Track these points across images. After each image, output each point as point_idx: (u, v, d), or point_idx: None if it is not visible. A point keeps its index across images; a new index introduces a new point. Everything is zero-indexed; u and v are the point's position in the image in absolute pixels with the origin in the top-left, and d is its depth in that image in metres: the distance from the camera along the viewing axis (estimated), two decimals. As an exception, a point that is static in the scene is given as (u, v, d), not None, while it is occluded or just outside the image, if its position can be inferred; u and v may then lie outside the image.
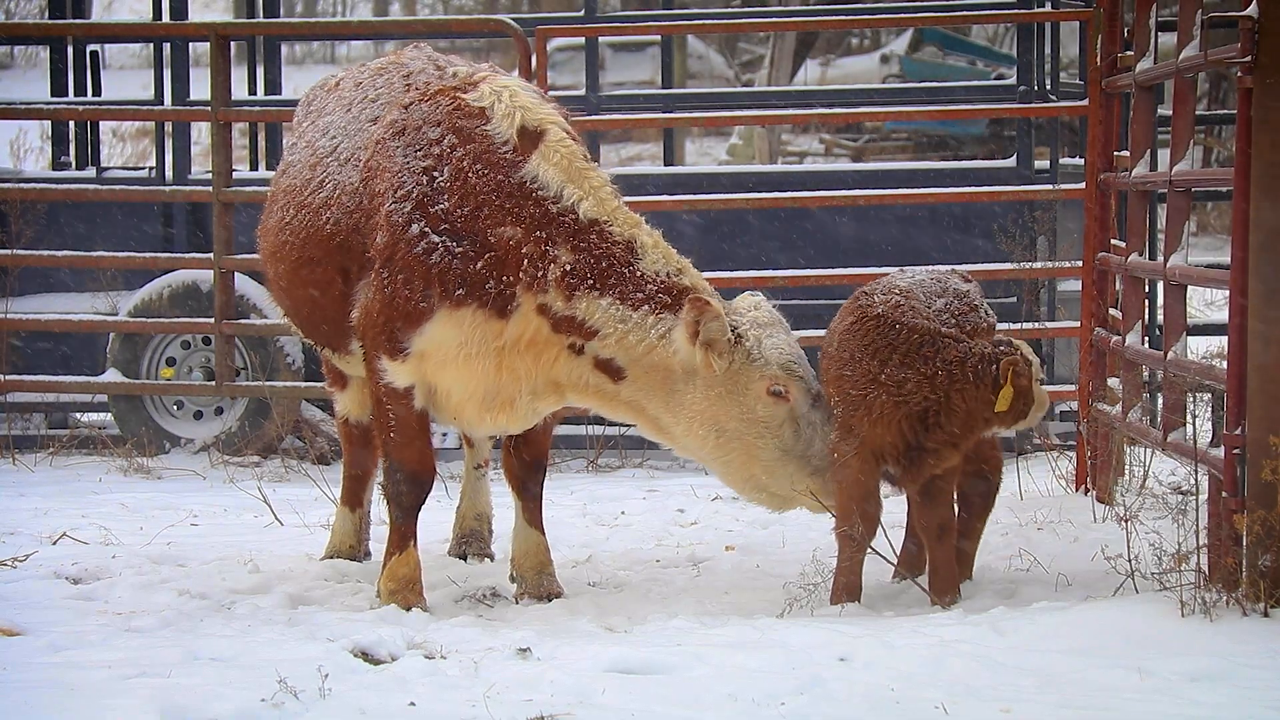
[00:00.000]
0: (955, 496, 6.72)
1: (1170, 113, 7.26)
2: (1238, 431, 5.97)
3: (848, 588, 6.44)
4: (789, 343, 6.28)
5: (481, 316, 6.32)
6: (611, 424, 10.39)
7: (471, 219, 6.32)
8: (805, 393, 6.28)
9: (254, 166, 12.30)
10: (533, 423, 6.63)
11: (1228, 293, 6.07)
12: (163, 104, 11.47)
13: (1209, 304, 15.23)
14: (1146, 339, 7.97)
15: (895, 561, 6.82)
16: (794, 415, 6.27)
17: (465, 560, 7.46)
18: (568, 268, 6.24)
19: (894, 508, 7.19)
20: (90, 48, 12.28)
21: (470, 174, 6.35)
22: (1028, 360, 6.30)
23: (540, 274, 6.26)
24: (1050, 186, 10.05)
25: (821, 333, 9.54)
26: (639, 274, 6.27)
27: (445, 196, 6.35)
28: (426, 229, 6.34)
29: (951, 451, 6.39)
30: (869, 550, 6.56)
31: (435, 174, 6.38)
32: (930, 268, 6.85)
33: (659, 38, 12.80)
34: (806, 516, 8.26)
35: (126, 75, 27.76)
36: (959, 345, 6.32)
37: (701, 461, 6.43)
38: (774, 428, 6.26)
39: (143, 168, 13.04)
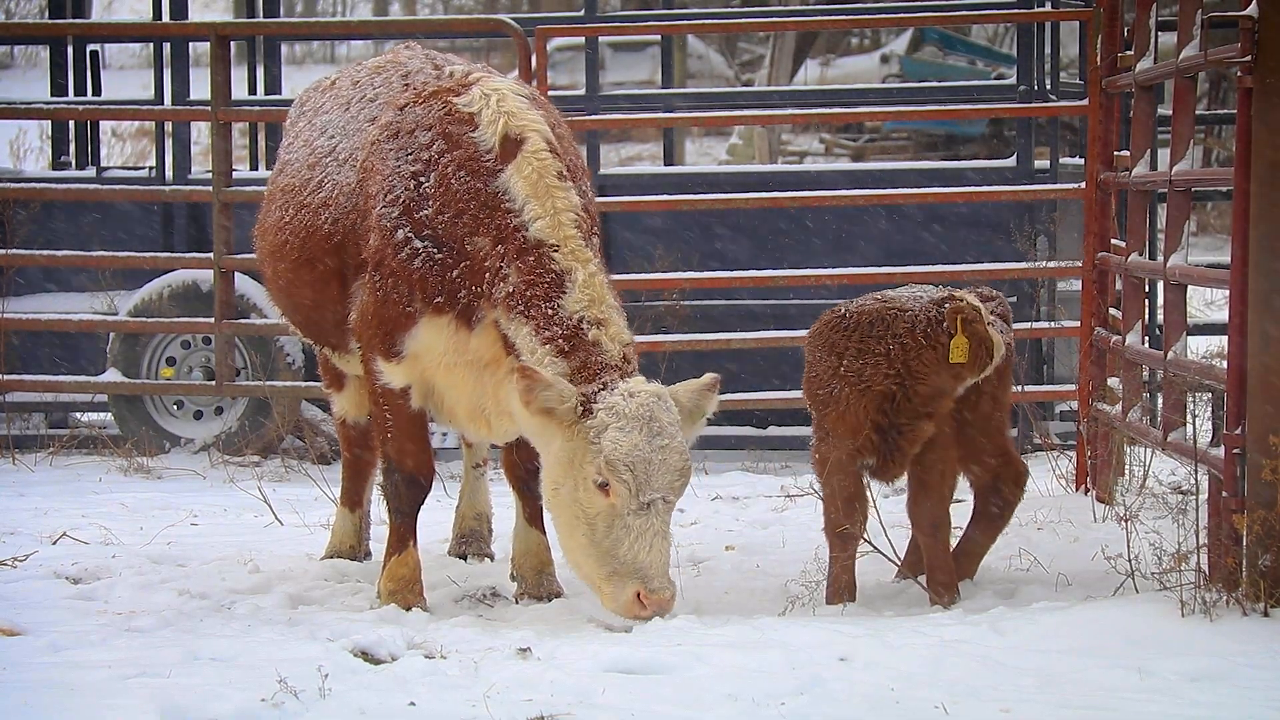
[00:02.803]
0: (979, 499, 6.73)
1: (1170, 113, 7.26)
2: (1238, 431, 5.97)
3: (847, 587, 6.45)
4: (637, 445, 5.90)
5: (454, 326, 6.32)
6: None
7: (451, 226, 6.29)
8: (630, 497, 5.92)
9: (254, 166, 12.30)
10: (511, 439, 6.60)
11: (1228, 293, 6.07)
12: (163, 104, 11.46)
13: (1209, 304, 15.22)
14: (1146, 339, 7.97)
15: (898, 561, 6.81)
16: (613, 512, 5.98)
17: (465, 560, 7.46)
18: (512, 289, 6.16)
19: (896, 507, 7.19)
20: (90, 48, 12.27)
21: (453, 180, 6.32)
22: (974, 305, 6.30)
23: (495, 290, 6.21)
24: (1050, 186, 10.05)
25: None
26: (555, 310, 6.10)
27: (430, 202, 6.33)
28: (411, 234, 6.33)
29: (926, 423, 6.39)
30: (870, 548, 6.57)
31: (422, 179, 6.36)
32: (939, 286, 6.80)
33: (659, 38, 12.79)
34: (806, 516, 8.30)
35: (126, 75, 27.74)
36: (905, 315, 6.32)
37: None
38: (589, 515, 6.01)
39: (143, 167, 13.04)
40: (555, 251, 6.18)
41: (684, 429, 6.12)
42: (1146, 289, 8.58)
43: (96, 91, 12.35)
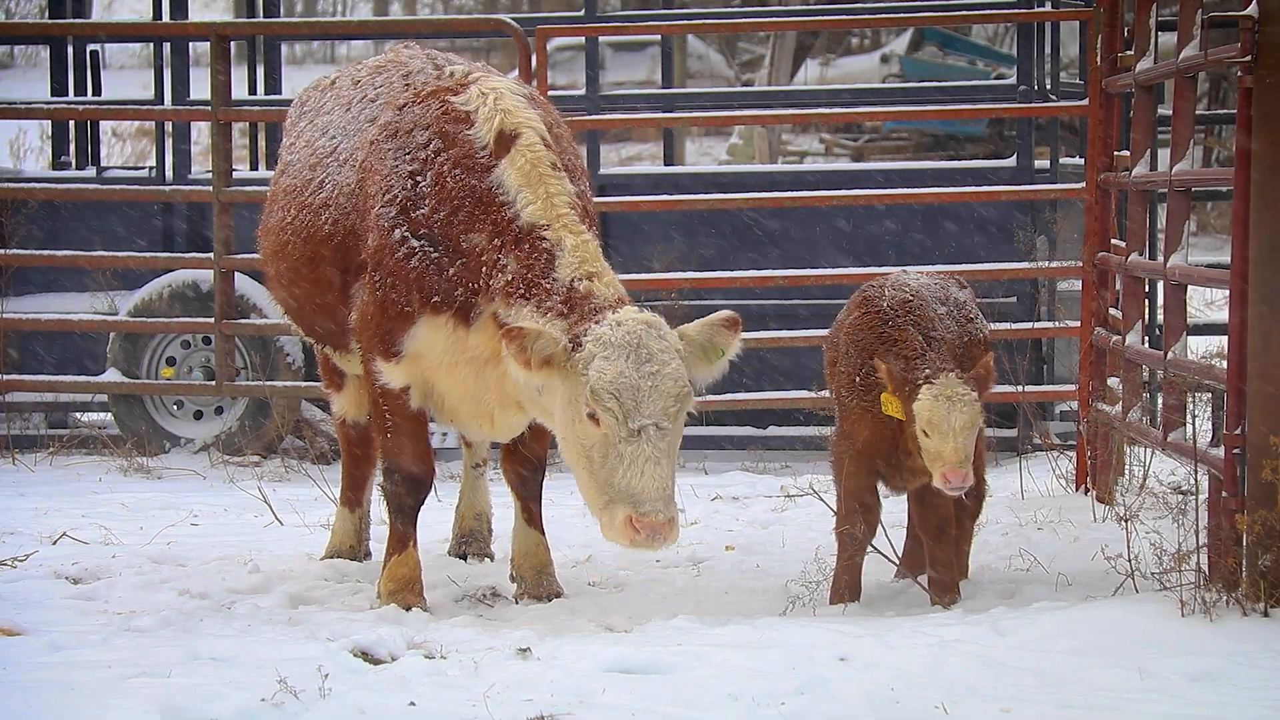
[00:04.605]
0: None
1: (1170, 113, 7.26)
2: (1238, 431, 5.97)
3: (848, 587, 6.45)
4: (622, 372, 5.89)
5: (452, 324, 6.32)
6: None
7: (447, 224, 6.30)
8: (619, 425, 5.88)
9: (254, 166, 12.30)
10: (515, 434, 6.61)
11: (1228, 293, 6.07)
12: (163, 104, 11.46)
13: (1209, 304, 15.23)
14: (1146, 339, 7.97)
15: (897, 561, 6.81)
16: (606, 442, 5.95)
17: (465, 560, 7.46)
18: (510, 276, 6.17)
19: (895, 507, 7.19)
20: (90, 48, 12.27)
21: (449, 179, 6.33)
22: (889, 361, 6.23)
23: (492, 282, 6.22)
24: (1050, 186, 10.05)
25: (824, 333, 9.59)
26: (551, 281, 6.11)
27: (426, 201, 6.34)
28: (408, 234, 6.33)
29: (912, 476, 6.39)
30: (870, 549, 6.56)
31: (419, 179, 6.37)
32: (929, 271, 6.83)
33: (659, 38, 12.79)
34: (806, 516, 8.31)
35: (126, 75, 27.73)
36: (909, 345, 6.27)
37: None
38: (586, 447, 5.98)
39: (143, 167, 13.03)
40: (546, 229, 6.18)
41: (698, 368, 6.09)
42: (1146, 289, 8.58)
43: (96, 91, 12.35)
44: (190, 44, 11.56)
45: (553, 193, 6.24)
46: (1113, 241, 8.69)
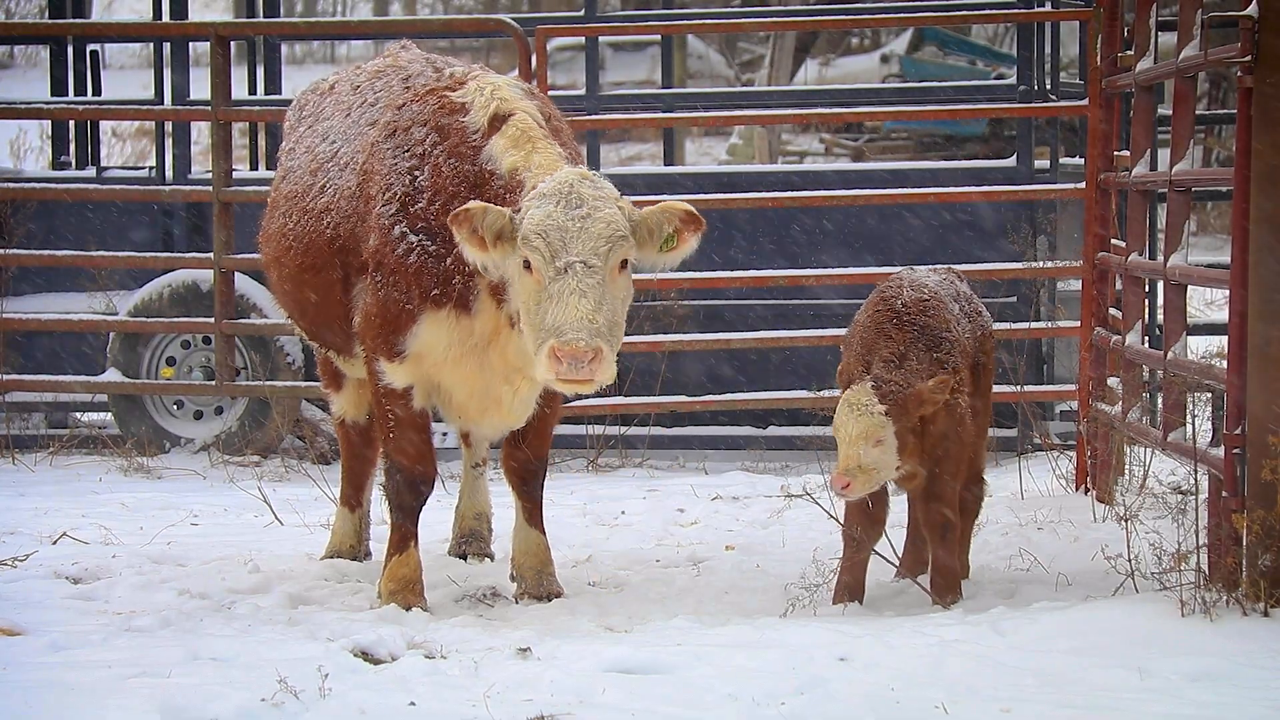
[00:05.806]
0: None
1: (1170, 113, 7.26)
2: (1238, 431, 5.98)
3: (850, 587, 6.44)
4: (549, 214, 5.88)
5: (455, 316, 6.32)
6: (611, 423, 10.40)
7: (443, 215, 6.29)
8: (546, 264, 5.87)
9: (254, 166, 12.31)
10: (526, 414, 6.60)
11: (1228, 293, 6.07)
12: (163, 104, 11.46)
13: (1209, 304, 15.23)
14: (1146, 339, 7.97)
15: (897, 562, 6.81)
16: (539, 288, 5.90)
17: (465, 560, 7.46)
18: None
19: (895, 506, 7.19)
20: (90, 48, 12.27)
21: (444, 168, 6.34)
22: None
23: None
24: (1050, 186, 10.05)
25: (828, 332, 9.60)
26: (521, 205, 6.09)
27: (424, 195, 6.35)
28: (406, 229, 6.34)
29: (914, 476, 6.38)
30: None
31: (417, 173, 6.38)
32: (933, 267, 6.84)
33: (659, 38, 12.79)
34: (806, 516, 8.30)
35: (126, 75, 27.72)
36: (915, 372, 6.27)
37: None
38: (526, 301, 5.96)
39: (143, 167, 13.03)
40: (518, 163, 6.18)
41: (644, 250, 6.06)
42: (1146, 289, 8.58)
43: (96, 91, 12.35)
44: (190, 44, 11.56)
45: (539, 149, 6.23)
46: (1113, 241, 8.69)
